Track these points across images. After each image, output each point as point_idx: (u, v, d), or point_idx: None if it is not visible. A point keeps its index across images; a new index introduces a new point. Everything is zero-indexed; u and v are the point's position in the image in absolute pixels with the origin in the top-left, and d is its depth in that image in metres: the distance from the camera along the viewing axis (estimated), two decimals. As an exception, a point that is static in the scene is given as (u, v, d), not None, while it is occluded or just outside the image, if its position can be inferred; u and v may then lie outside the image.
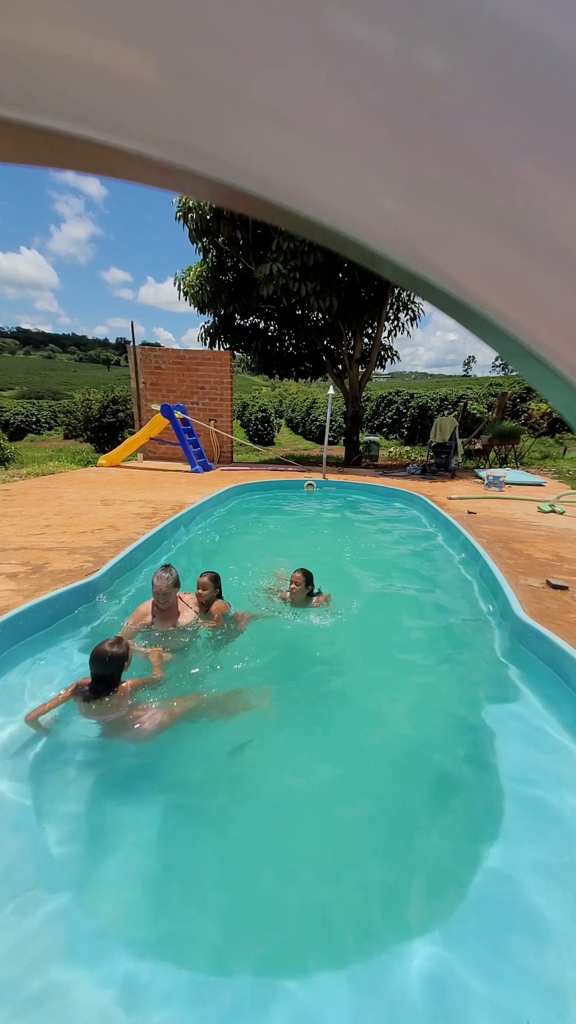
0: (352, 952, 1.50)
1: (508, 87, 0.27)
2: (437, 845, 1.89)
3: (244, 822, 1.96)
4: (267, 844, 1.87)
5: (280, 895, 1.68)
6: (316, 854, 1.83)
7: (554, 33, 0.26)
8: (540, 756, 2.28)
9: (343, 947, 1.52)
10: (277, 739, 2.38)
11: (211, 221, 9.60)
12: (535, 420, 13.60)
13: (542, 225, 0.29)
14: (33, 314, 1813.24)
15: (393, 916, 1.62)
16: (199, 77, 0.28)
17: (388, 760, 2.30)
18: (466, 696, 2.77)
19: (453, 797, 2.13)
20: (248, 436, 23.22)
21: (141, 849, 1.81)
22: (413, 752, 2.35)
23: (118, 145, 0.29)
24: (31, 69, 0.27)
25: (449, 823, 2.00)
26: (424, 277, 0.31)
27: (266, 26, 0.27)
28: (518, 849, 1.83)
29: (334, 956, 1.49)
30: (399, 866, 1.80)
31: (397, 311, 11.85)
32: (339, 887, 1.71)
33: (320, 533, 6.50)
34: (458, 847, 1.89)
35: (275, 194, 0.30)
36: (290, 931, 1.57)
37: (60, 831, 1.83)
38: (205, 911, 1.61)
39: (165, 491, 7.56)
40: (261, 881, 1.72)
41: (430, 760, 2.29)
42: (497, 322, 0.32)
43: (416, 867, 1.80)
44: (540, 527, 6.05)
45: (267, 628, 3.35)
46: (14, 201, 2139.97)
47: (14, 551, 4.28)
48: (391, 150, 0.29)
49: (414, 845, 1.89)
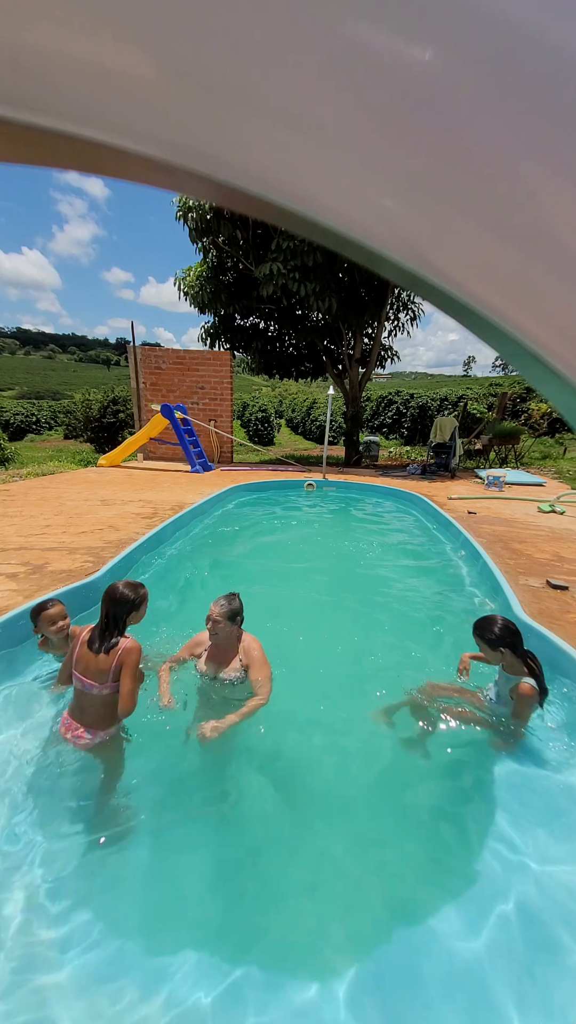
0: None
1: (508, 87, 0.27)
2: (436, 847, 1.89)
3: (245, 820, 1.96)
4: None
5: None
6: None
7: (554, 32, 0.26)
8: (540, 757, 2.28)
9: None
10: (276, 725, 2.38)
11: (211, 221, 9.60)
12: (535, 420, 13.60)
13: (542, 225, 0.29)
14: (35, 314, 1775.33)
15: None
16: (199, 77, 0.28)
17: (386, 762, 2.30)
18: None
19: (453, 797, 2.13)
20: (248, 436, 23.22)
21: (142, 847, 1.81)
22: (412, 755, 2.35)
23: (118, 145, 0.29)
24: (31, 69, 0.27)
25: (448, 824, 2.00)
26: (424, 277, 0.31)
27: (266, 26, 0.27)
28: (517, 848, 1.83)
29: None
30: (393, 861, 1.81)
31: (397, 311, 11.86)
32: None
33: (320, 533, 6.50)
34: (458, 848, 1.89)
35: (275, 194, 0.30)
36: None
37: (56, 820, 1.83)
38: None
39: (165, 491, 7.56)
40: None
41: (428, 763, 2.29)
42: (497, 322, 0.32)
43: (415, 867, 1.81)
44: (540, 527, 6.04)
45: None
46: (17, 201, 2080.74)
47: (14, 551, 4.28)
48: (391, 150, 0.29)
49: (413, 846, 1.89)
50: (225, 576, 4.68)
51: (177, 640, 3.07)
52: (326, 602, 4.18)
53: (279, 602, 4.07)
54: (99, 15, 0.26)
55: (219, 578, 4.58)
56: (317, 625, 3.67)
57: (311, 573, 4.82)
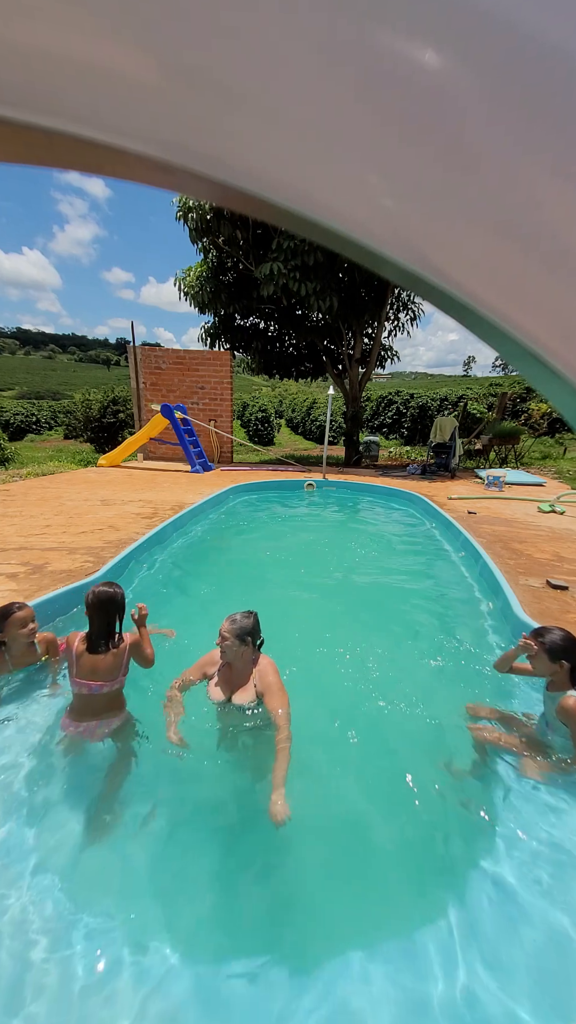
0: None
1: (509, 86, 0.27)
2: (433, 850, 1.89)
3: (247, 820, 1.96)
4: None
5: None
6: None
7: (555, 32, 0.26)
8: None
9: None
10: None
11: (211, 221, 9.61)
12: (535, 420, 13.60)
13: (543, 224, 0.29)
14: (35, 315, 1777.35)
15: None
16: (199, 77, 0.28)
17: (384, 765, 2.30)
18: (465, 697, 2.77)
19: (452, 799, 2.13)
20: (248, 436, 23.22)
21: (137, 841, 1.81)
22: (412, 757, 2.34)
23: (118, 145, 0.29)
24: (32, 69, 0.27)
25: (448, 825, 2.00)
26: (425, 277, 0.31)
27: (266, 26, 0.27)
28: (518, 849, 1.83)
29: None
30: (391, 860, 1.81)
31: (397, 311, 11.86)
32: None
33: (320, 533, 6.50)
34: (456, 849, 1.89)
35: (275, 194, 0.30)
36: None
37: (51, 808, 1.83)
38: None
39: (165, 491, 7.56)
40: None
41: (428, 765, 2.29)
42: (497, 322, 0.32)
43: (415, 865, 1.81)
44: (540, 527, 6.05)
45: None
46: (17, 201, 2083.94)
47: (14, 551, 4.28)
48: (392, 150, 0.29)
49: (410, 848, 1.89)
50: (225, 576, 4.67)
51: (177, 641, 3.08)
52: (325, 602, 4.18)
53: (279, 602, 4.07)
54: (99, 15, 0.26)
55: (219, 579, 4.58)
56: (317, 625, 3.67)
57: (311, 573, 4.82)
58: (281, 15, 0.26)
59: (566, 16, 0.26)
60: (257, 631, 2.16)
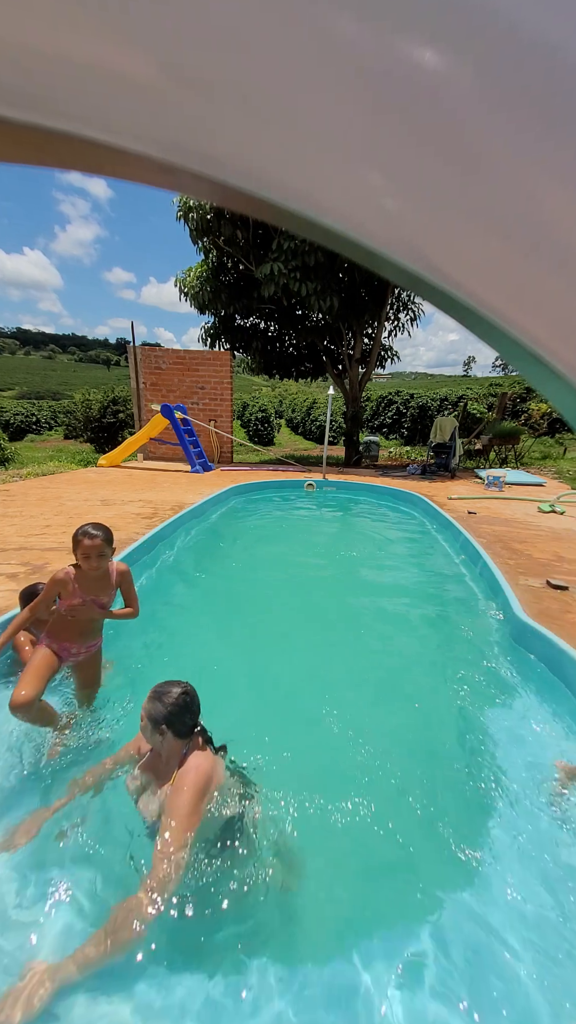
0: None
1: (510, 86, 0.27)
2: (432, 851, 1.89)
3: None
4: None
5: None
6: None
7: (557, 32, 0.26)
8: (539, 758, 2.28)
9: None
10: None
11: (211, 221, 9.61)
12: (535, 420, 13.60)
13: (544, 224, 0.29)
14: (36, 315, 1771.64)
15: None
16: (199, 77, 0.28)
17: (383, 765, 2.30)
18: (465, 697, 2.77)
19: (452, 800, 2.13)
20: (248, 436, 23.22)
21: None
22: (413, 756, 2.35)
23: (119, 145, 0.29)
24: (32, 69, 0.27)
25: (447, 825, 2.00)
26: (425, 277, 0.31)
27: (267, 25, 0.27)
28: (517, 849, 1.83)
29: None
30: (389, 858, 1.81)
31: (397, 311, 11.86)
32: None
33: (320, 533, 6.51)
34: (456, 849, 1.89)
35: (275, 194, 0.30)
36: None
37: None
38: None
39: (165, 491, 7.56)
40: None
41: (429, 762, 2.29)
42: (498, 322, 0.32)
43: (412, 866, 1.81)
44: (540, 527, 6.05)
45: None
46: (18, 202, 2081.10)
47: (14, 551, 4.28)
48: (392, 150, 0.29)
49: (408, 851, 1.89)
50: (224, 577, 4.68)
51: (176, 645, 3.07)
52: (326, 602, 4.18)
53: (278, 603, 4.08)
54: (99, 14, 0.26)
55: (218, 579, 4.58)
56: (317, 625, 3.67)
57: (310, 574, 4.82)
58: (282, 15, 0.26)
59: (567, 16, 0.26)
60: (180, 718, 1.54)
